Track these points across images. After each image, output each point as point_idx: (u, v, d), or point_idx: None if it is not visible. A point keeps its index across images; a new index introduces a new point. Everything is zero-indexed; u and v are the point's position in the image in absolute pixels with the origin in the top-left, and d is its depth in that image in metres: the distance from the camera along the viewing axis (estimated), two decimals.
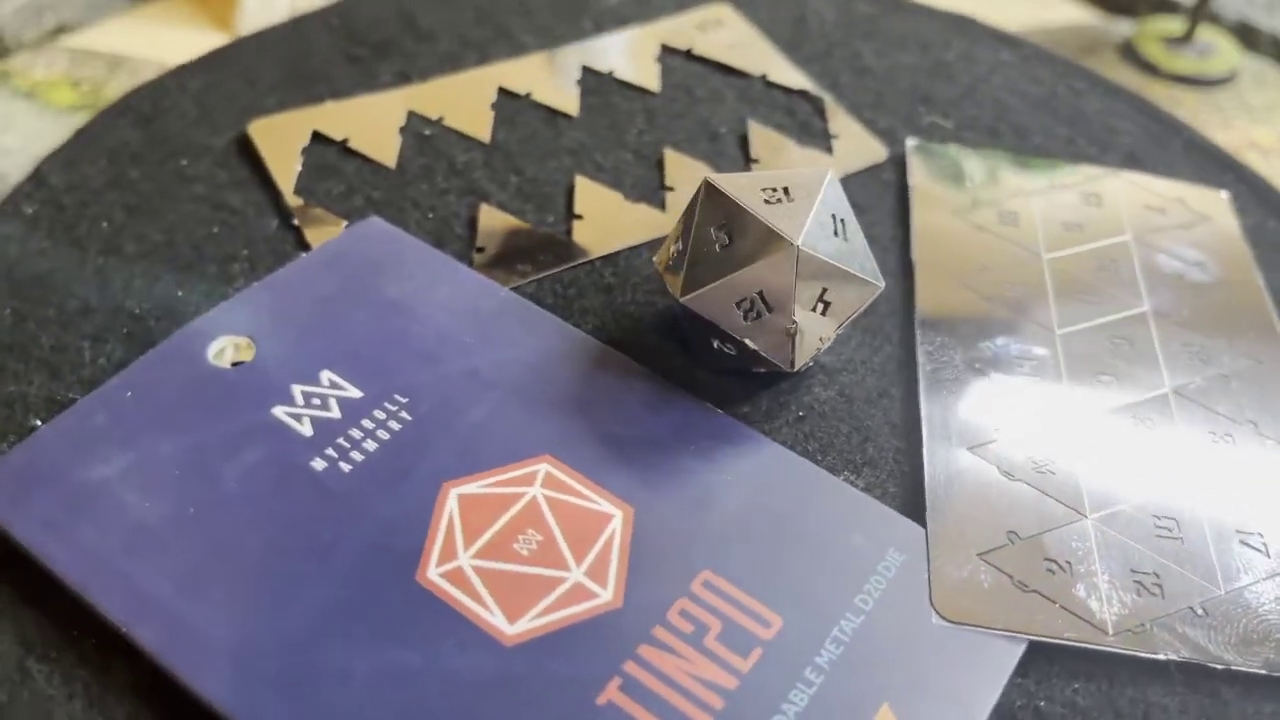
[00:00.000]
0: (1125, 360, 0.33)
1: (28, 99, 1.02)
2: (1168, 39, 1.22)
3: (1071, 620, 0.26)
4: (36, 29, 1.12)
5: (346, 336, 0.31)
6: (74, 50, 1.11)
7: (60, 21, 1.15)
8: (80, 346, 0.31)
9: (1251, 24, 1.26)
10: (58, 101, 1.02)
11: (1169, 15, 1.29)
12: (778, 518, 0.28)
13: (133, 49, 1.12)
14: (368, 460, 0.28)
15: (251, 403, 0.29)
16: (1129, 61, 1.20)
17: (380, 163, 0.38)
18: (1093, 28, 1.29)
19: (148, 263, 0.34)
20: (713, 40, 0.44)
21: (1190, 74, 1.17)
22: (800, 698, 0.24)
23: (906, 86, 0.43)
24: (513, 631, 0.25)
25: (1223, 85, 1.17)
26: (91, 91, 1.03)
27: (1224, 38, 1.23)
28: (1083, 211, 0.38)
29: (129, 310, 0.32)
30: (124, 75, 1.07)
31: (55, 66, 1.08)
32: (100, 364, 0.31)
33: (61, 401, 0.30)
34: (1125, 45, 1.23)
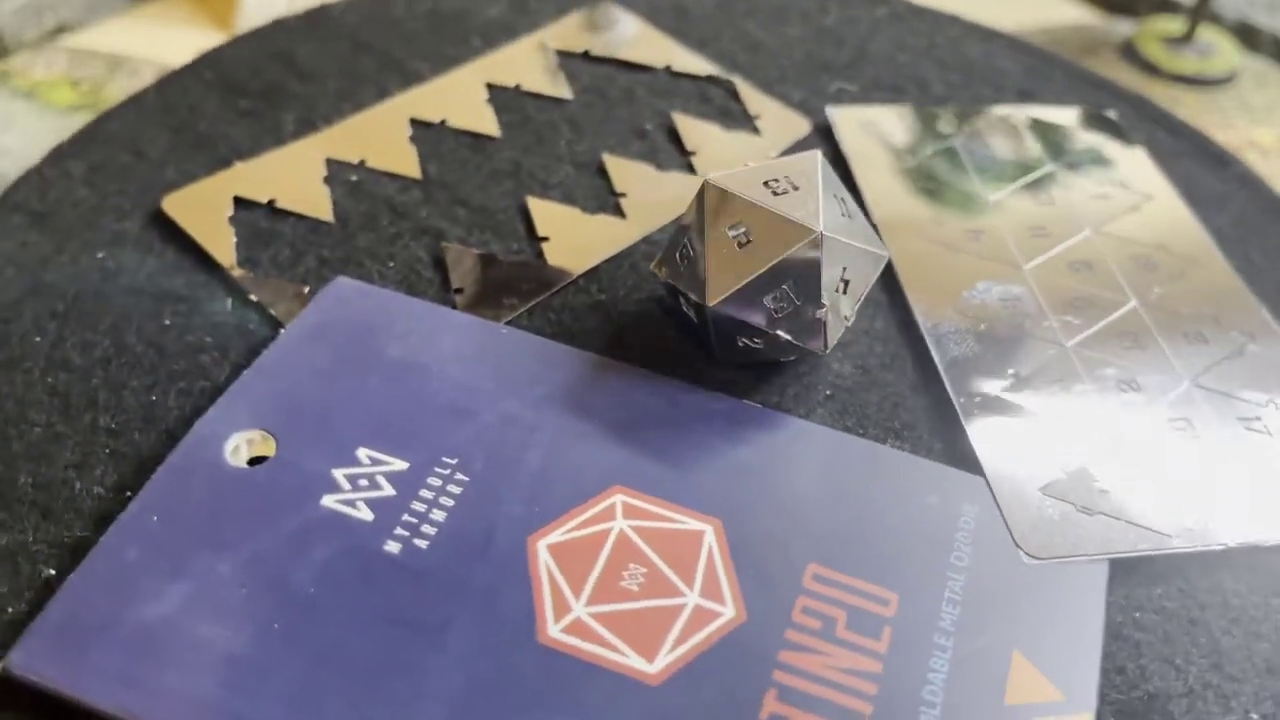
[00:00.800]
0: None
1: (27, 99, 1.01)
2: (1168, 39, 1.20)
3: (1138, 532, 0.28)
4: (36, 29, 1.11)
5: (367, 408, 0.29)
6: (74, 50, 1.11)
7: (60, 21, 1.13)
8: (66, 479, 0.28)
9: (1252, 24, 1.25)
10: (57, 101, 1.01)
11: (1169, 15, 1.28)
12: (853, 497, 0.28)
13: (132, 49, 1.11)
14: (442, 532, 0.26)
15: (296, 499, 0.27)
16: (1129, 61, 1.19)
17: (317, 218, 0.36)
18: (1093, 28, 1.28)
19: (104, 372, 0.31)
20: (606, 39, 0.44)
21: (1191, 74, 1.16)
22: (940, 664, 0.25)
23: (802, 57, 0.45)
24: (655, 670, 0.24)
25: (1223, 85, 1.15)
26: (91, 91, 1.03)
27: (1224, 38, 1.22)
28: (1040, 213, 0.39)
29: (104, 428, 0.29)
30: (123, 75, 1.05)
31: (55, 66, 1.06)
32: (96, 493, 0.28)
33: (71, 544, 0.27)
34: (1126, 45, 1.21)
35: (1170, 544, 0.28)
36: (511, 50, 0.43)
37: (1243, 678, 0.26)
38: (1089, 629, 0.26)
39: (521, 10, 0.46)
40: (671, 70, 0.43)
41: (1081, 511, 0.29)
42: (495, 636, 0.25)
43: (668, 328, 0.33)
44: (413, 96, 0.41)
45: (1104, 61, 1.18)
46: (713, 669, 0.25)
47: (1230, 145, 0.99)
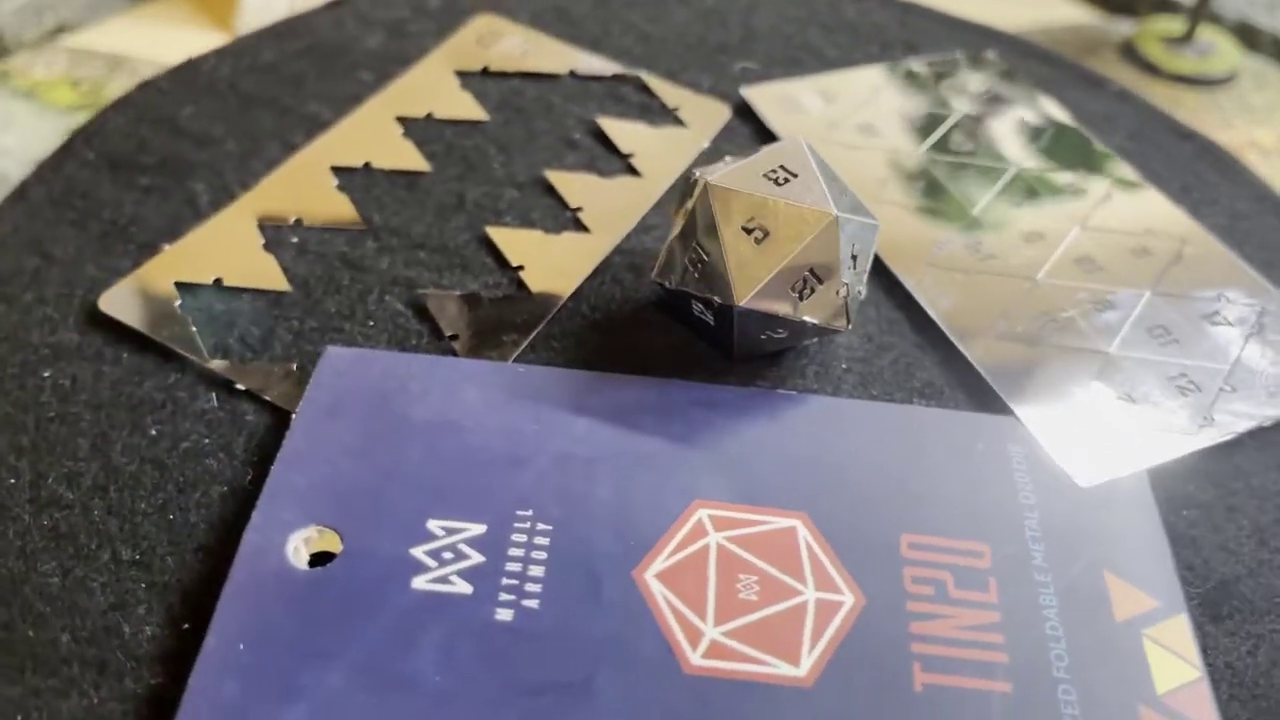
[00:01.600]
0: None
1: (27, 99, 1.00)
2: (1168, 39, 1.20)
3: (1164, 437, 0.31)
4: (36, 29, 1.10)
5: (418, 477, 0.28)
6: (74, 50, 1.10)
7: (60, 21, 1.12)
8: (110, 625, 0.25)
9: (1252, 24, 1.24)
10: (57, 101, 1.00)
11: (1169, 15, 1.27)
12: (913, 461, 0.29)
13: (132, 49, 1.10)
14: (547, 588, 0.26)
15: (383, 588, 0.25)
16: (1129, 61, 1.18)
17: (273, 289, 0.33)
18: (1093, 28, 1.27)
19: (104, 501, 0.28)
20: (500, 51, 0.43)
21: (1191, 74, 1.16)
22: (1048, 599, 0.26)
23: (695, 42, 0.45)
24: (805, 672, 0.25)
25: (1223, 85, 1.15)
26: (91, 91, 1.02)
27: (1224, 38, 1.22)
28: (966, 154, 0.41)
29: (129, 561, 0.27)
30: (124, 75, 1.04)
31: (55, 66, 1.05)
32: (150, 634, 0.25)
33: (146, 694, 0.24)
34: (1126, 45, 1.21)
35: (1197, 442, 0.31)
36: (409, 78, 0.41)
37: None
38: (1155, 537, 0.28)
39: (399, 36, 0.44)
40: (576, 74, 0.42)
41: (1112, 430, 0.31)
42: (641, 679, 0.24)
43: (674, 333, 0.33)
44: (325, 143, 0.38)
45: (1104, 61, 1.17)
46: (857, 657, 0.25)
47: (1230, 145, 0.98)
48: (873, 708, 0.24)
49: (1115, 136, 0.42)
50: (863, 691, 0.24)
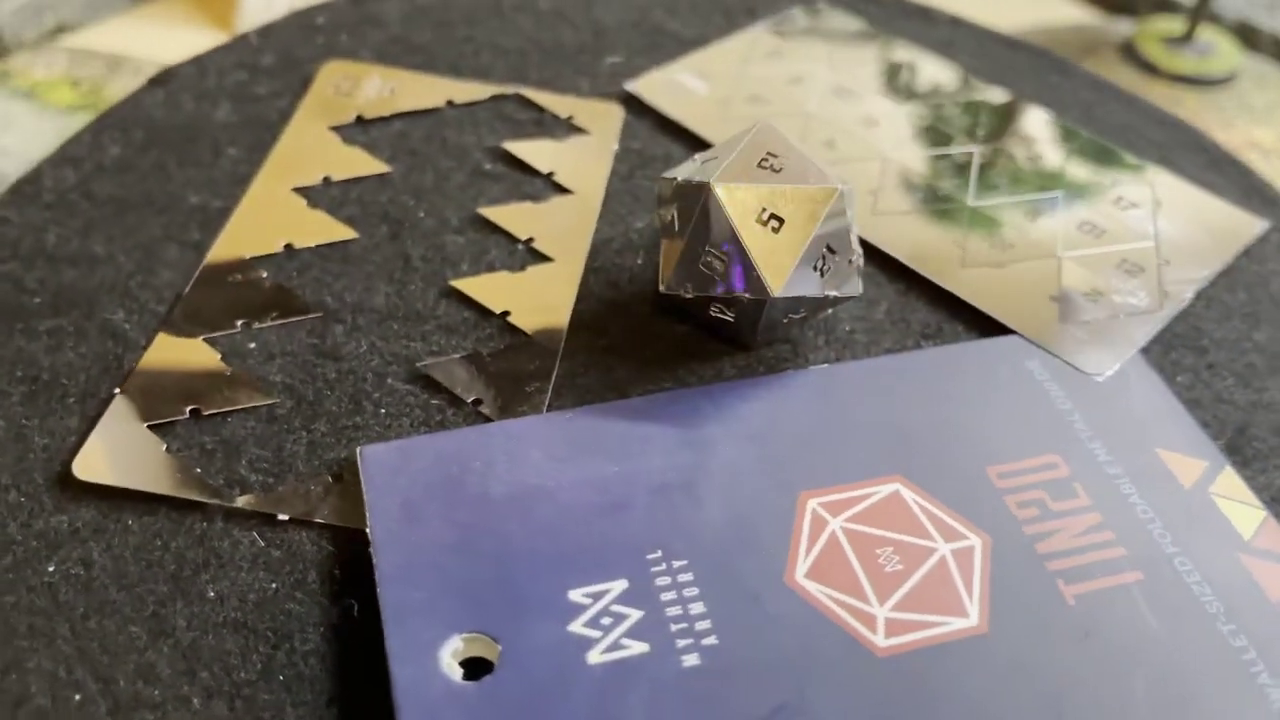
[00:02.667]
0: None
1: (27, 99, 1.00)
2: (1168, 39, 1.19)
3: (1138, 319, 0.34)
4: (36, 28, 1.10)
5: (530, 554, 0.26)
6: (74, 50, 1.09)
7: (60, 21, 1.12)
8: None
9: (1252, 24, 1.24)
10: (57, 101, 1.00)
11: (1169, 15, 1.27)
12: (959, 398, 0.31)
13: (132, 49, 1.10)
14: (716, 620, 0.25)
15: (565, 674, 0.24)
16: (1129, 61, 1.18)
17: (260, 404, 0.30)
18: (1093, 28, 1.27)
19: (196, 686, 0.25)
20: (367, 97, 0.40)
21: (1191, 74, 1.15)
22: (1129, 487, 0.29)
23: (552, 48, 0.44)
24: (976, 620, 0.26)
25: (1223, 85, 1.14)
26: (91, 91, 1.01)
27: (1224, 38, 1.21)
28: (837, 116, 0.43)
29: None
30: (124, 75, 1.04)
31: (55, 66, 1.05)
32: None
33: None
34: (1125, 45, 1.20)
35: (1164, 315, 0.34)
36: (285, 145, 0.38)
37: (1271, 371, 0.33)
38: (1174, 407, 0.31)
39: (248, 102, 0.40)
40: (453, 103, 0.41)
41: (1098, 324, 0.34)
42: (844, 678, 0.24)
43: (684, 334, 0.33)
44: (230, 234, 0.35)
45: (1104, 61, 1.17)
46: (1010, 592, 0.26)
47: (1230, 145, 1.04)
48: (1045, 633, 0.26)
49: (963, 58, 0.45)
50: (1030, 622, 0.26)
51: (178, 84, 0.41)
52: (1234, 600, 0.27)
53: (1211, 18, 1.24)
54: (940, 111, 0.42)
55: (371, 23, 0.45)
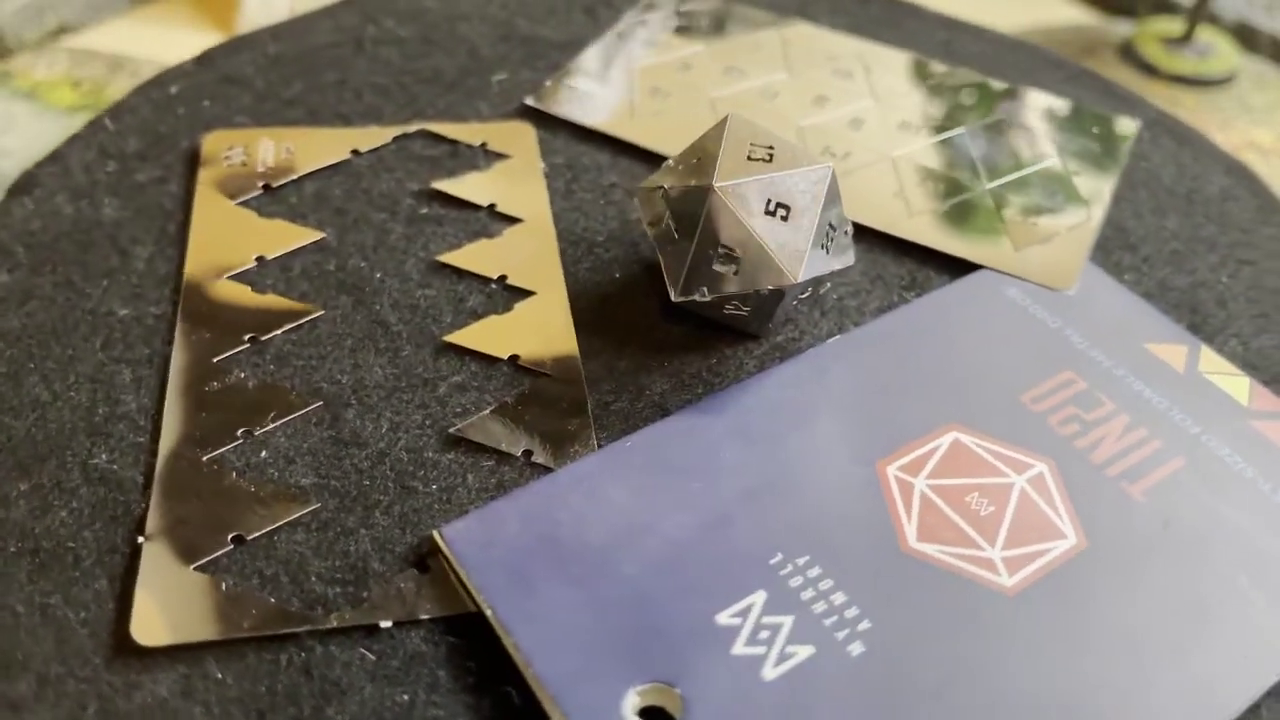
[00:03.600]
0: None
1: (28, 99, 1.00)
2: (1167, 39, 1.19)
3: (1074, 230, 0.37)
4: (37, 29, 1.11)
5: (660, 591, 0.26)
6: (75, 50, 1.10)
7: (61, 22, 1.13)
8: None
9: (1251, 25, 1.24)
10: (58, 102, 1.01)
11: (1169, 16, 1.27)
12: (971, 338, 0.33)
13: (133, 49, 1.11)
14: (863, 606, 0.26)
15: (748, 697, 0.24)
16: (1129, 62, 1.18)
17: (300, 514, 0.28)
18: (1093, 28, 1.27)
19: None
20: (266, 164, 0.37)
21: (1190, 74, 1.15)
22: (1140, 386, 0.32)
23: (431, 76, 0.42)
24: (1077, 537, 0.28)
25: (1222, 86, 1.15)
26: (92, 92, 1.02)
27: (1223, 38, 1.21)
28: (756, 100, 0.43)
29: None
30: (125, 76, 1.04)
31: (56, 67, 1.05)
32: None
33: None
34: (1125, 46, 1.20)
35: (1094, 213, 0.37)
36: (200, 233, 0.35)
37: (1193, 253, 0.37)
38: (1133, 301, 0.35)
39: (135, 193, 0.36)
40: (358, 151, 0.38)
41: (1047, 242, 0.36)
42: (990, 616, 0.26)
43: (698, 340, 0.33)
44: (185, 340, 0.32)
45: (1103, 62, 1.17)
46: (1092, 506, 0.28)
47: (1229, 145, 1.03)
48: (1134, 533, 0.28)
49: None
50: (1119, 527, 0.28)
51: (44, 189, 0.36)
52: (1262, 462, 0.30)
53: (1210, 18, 1.24)
54: (838, 66, 0.43)
55: (231, 83, 0.41)
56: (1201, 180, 0.40)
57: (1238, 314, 0.35)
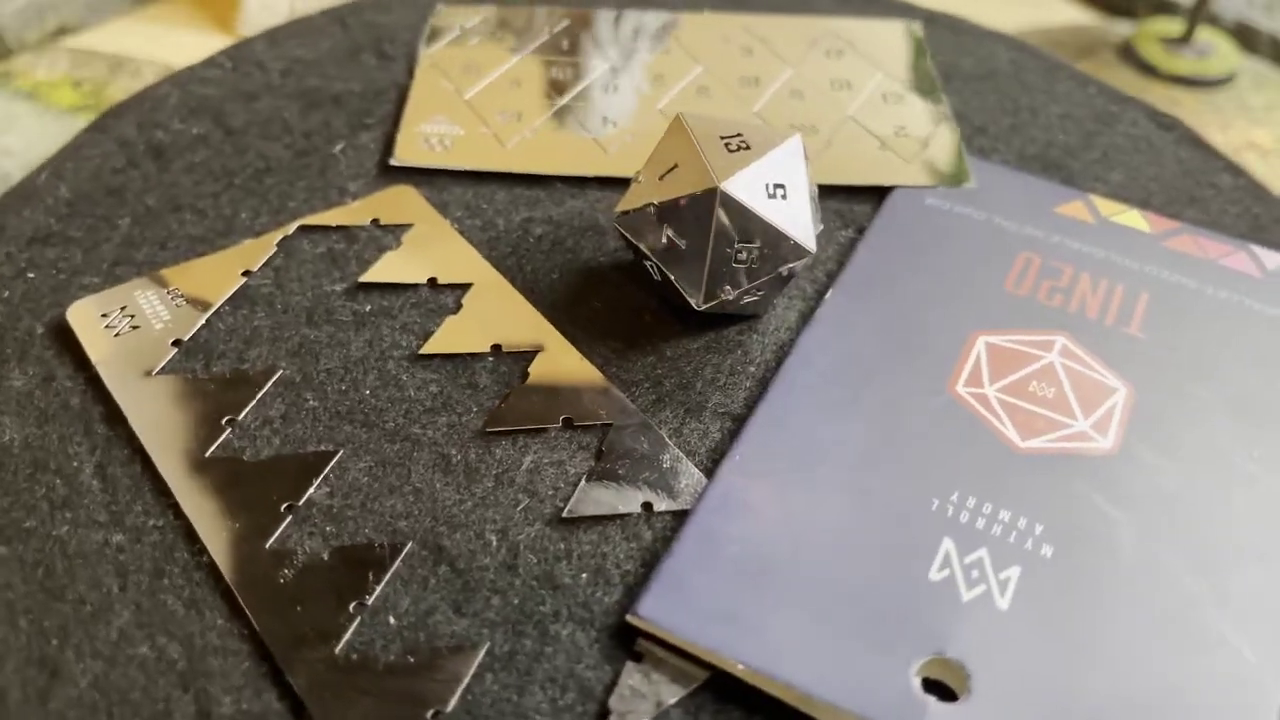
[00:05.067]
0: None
1: (29, 100, 1.01)
2: (1167, 40, 1.19)
3: (927, 126, 0.41)
4: (38, 30, 1.12)
5: (871, 579, 0.27)
6: (75, 51, 1.11)
7: (62, 22, 1.15)
8: None
9: (1250, 25, 1.23)
10: (59, 102, 1.01)
11: (1168, 16, 1.26)
12: (931, 257, 0.35)
13: (134, 50, 1.12)
14: (1025, 513, 0.28)
15: (992, 632, 0.25)
16: (1128, 62, 1.18)
17: (477, 662, 0.25)
18: (1092, 28, 1.28)
19: None
20: (161, 320, 0.32)
21: (1189, 75, 1.15)
22: (1099, 251, 0.36)
23: (265, 167, 0.38)
24: (1123, 385, 0.31)
25: (1221, 86, 1.16)
26: (93, 92, 1.02)
27: (1223, 39, 1.20)
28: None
29: None
30: (125, 76, 1.06)
31: (57, 67, 1.07)
32: None
33: None
34: (1124, 46, 1.21)
35: (947, 119, 0.41)
36: (144, 424, 0.30)
37: (1004, 111, 0.42)
38: (1022, 176, 0.39)
39: (28, 409, 0.30)
40: (250, 272, 0.34)
41: (924, 150, 0.40)
42: (1106, 478, 0.29)
43: (702, 330, 0.33)
44: (225, 543, 0.27)
45: (1103, 62, 1.18)
46: (1119, 354, 0.32)
47: (1229, 146, 1.00)
48: (1160, 362, 0.32)
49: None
50: (1148, 360, 0.32)
51: None
52: (1194, 270, 0.35)
53: (1210, 19, 1.24)
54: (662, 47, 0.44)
55: (41, 243, 0.35)
56: (991, 59, 0.46)
57: (1087, 160, 0.41)
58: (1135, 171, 0.40)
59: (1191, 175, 0.40)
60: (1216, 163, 0.41)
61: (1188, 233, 0.37)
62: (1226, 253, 0.36)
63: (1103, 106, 0.43)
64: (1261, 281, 0.35)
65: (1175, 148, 0.42)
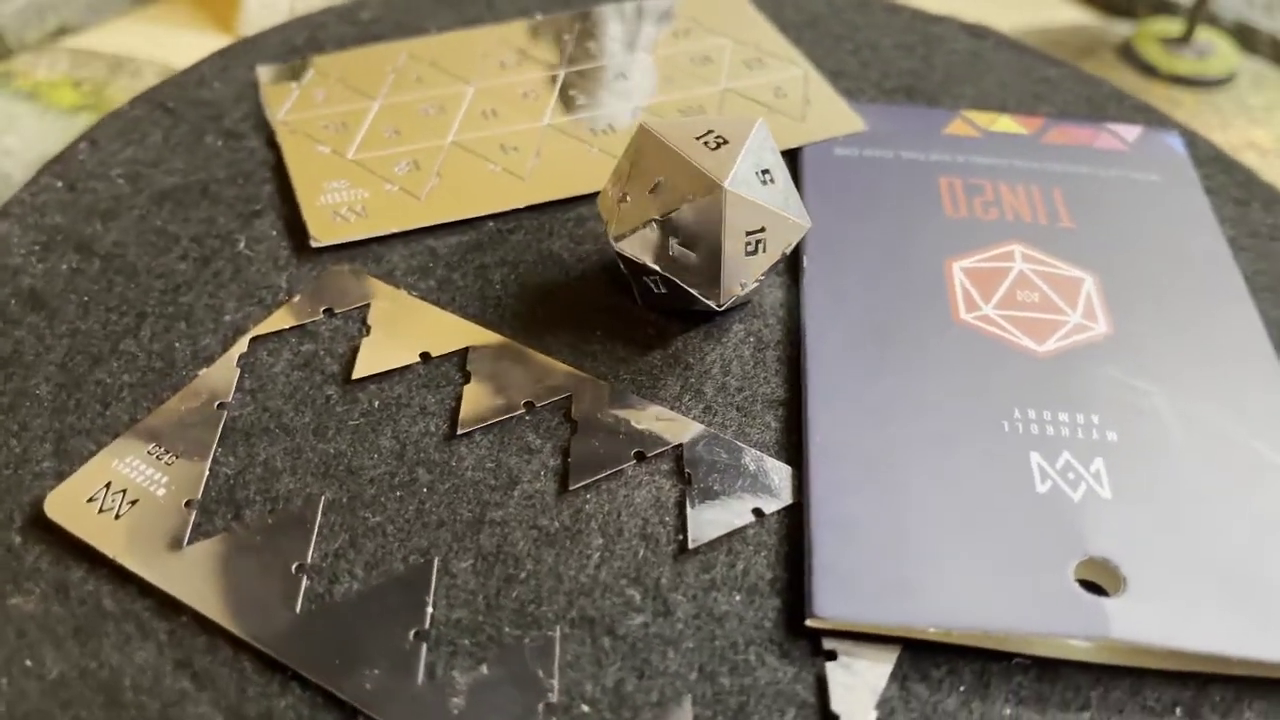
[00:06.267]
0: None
1: (30, 100, 1.02)
2: (1167, 40, 1.20)
3: (792, 72, 0.42)
4: (38, 30, 1.12)
5: (991, 511, 0.28)
6: (76, 51, 1.11)
7: (62, 22, 1.15)
8: None
9: (1250, 25, 1.25)
10: (59, 102, 1.02)
11: (1168, 16, 1.28)
12: (881, 194, 0.37)
13: (134, 50, 1.12)
14: (1080, 408, 0.31)
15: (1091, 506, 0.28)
16: (1128, 62, 1.19)
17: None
18: (1092, 29, 1.29)
19: None
20: (162, 489, 0.28)
21: (1189, 75, 1.16)
22: (1001, 162, 0.39)
23: (155, 292, 0.34)
24: (1086, 273, 0.35)
25: (1221, 86, 1.16)
26: (93, 92, 1.03)
27: (1222, 39, 1.22)
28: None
29: None
30: (125, 76, 1.06)
31: (57, 67, 1.07)
32: None
33: None
34: (1124, 46, 1.22)
35: (807, 67, 0.43)
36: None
37: (871, 46, 0.44)
38: (907, 108, 0.42)
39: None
40: (224, 404, 0.30)
41: (801, 103, 0.41)
42: (1108, 356, 0.32)
43: (723, 346, 0.33)
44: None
45: (1103, 62, 1.18)
46: (1067, 248, 0.36)
47: (1228, 146, 0.94)
48: (1105, 247, 0.36)
49: None
50: (1094, 246, 0.36)
51: None
52: (1085, 157, 0.39)
53: (1210, 19, 1.25)
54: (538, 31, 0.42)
55: None
56: (809, 4, 0.48)
57: (936, 81, 0.44)
58: (979, 83, 0.44)
59: (1023, 75, 0.45)
60: (1034, 58, 0.45)
61: (1054, 126, 0.41)
62: (1092, 135, 0.41)
63: (923, 29, 0.47)
64: (1129, 153, 0.40)
65: (996, 53, 0.46)
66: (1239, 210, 0.39)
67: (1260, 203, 0.39)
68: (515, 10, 0.47)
